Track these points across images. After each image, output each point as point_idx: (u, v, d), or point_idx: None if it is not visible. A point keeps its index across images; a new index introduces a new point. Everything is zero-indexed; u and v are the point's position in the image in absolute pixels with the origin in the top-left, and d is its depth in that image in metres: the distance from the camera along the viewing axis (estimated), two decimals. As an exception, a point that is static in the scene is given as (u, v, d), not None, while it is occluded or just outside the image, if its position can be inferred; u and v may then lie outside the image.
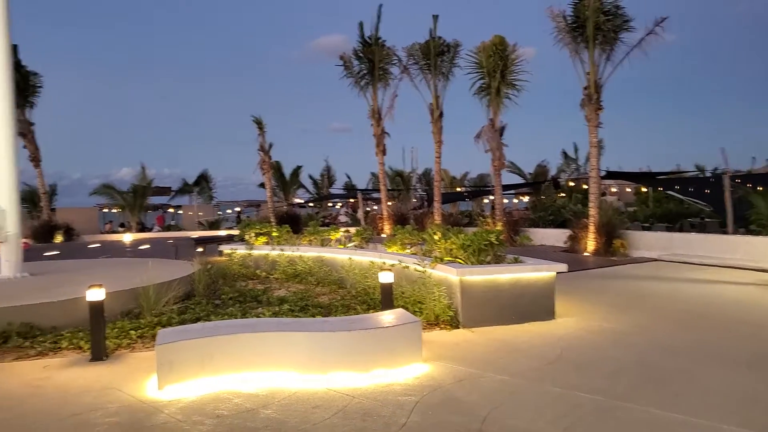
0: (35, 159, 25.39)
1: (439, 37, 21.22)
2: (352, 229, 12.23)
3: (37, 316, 6.68)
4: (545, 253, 14.20)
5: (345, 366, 4.81)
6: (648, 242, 14.92)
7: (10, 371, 5.26)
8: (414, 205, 32.50)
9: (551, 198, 27.43)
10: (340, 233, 12.07)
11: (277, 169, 33.42)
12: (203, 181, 38.92)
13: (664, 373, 4.84)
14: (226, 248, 12.89)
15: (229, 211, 42.87)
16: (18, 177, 9.50)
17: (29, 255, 11.84)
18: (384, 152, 23.09)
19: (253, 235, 12.55)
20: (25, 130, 24.61)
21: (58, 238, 24.02)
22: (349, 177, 45.74)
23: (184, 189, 38.37)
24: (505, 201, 25.97)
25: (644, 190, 29.11)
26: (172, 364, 4.60)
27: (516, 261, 7.31)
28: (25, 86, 24.25)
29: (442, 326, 6.61)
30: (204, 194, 38.39)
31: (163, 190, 36.99)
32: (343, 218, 29.77)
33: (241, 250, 12.22)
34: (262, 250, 11.90)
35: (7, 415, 4.12)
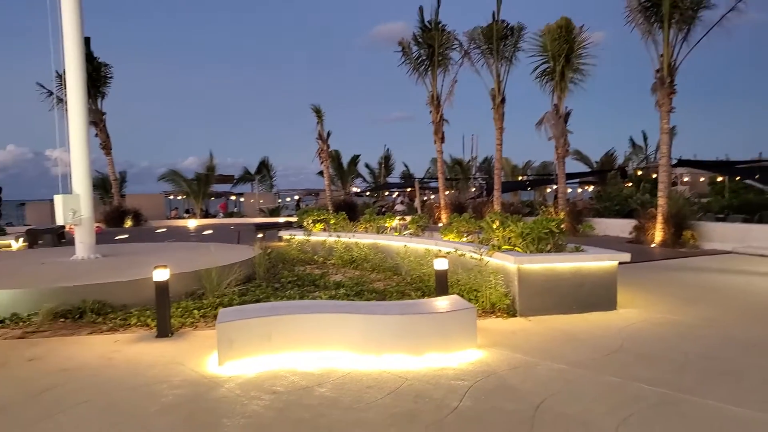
0: (106, 147, 26.80)
1: (503, 21, 20.81)
2: (408, 218, 12.28)
3: (109, 294, 7.14)
4: (608, 244, 13.77)
5: (398, 349, 4.89)
6: (722, 234, 14.18)
7: (86, 344, 5.66)
8: (473, 194, 32.20)
9: (618, 187, 26.48)
10: (395, 220, 12.15)
11: (335, 158, 33.87)
12: (264, 169, 39.97)
13: (735, 368, 4.63)
14: (285, 234, 13.25)
15: (288, 199, 43.87)
16: (90, 164, 10.09)
17: (101, 238, 12.59)
18: (442, 140, 22.96)
19: (310, 221, 12.83)
20: (96, 120, 26.00)
21: (128, 223, 25.33)
22: (407, 166, 45.84)
23: (246, 177, 39.54)
24: (569, 190, 25.32)
25: (720, 179, 27.60)
26: (232, 342, 4.82)
27: (577, 250, 7.15)
28: (96, 77, 25.59)
29: (498, 314, 6.58)
30: (265, 182, 39.45)
31: (226, 178, 38.28)
32: (399, 207, 29.87)
33: (299, 236, 12.53)
34: (319, 236, 12.16)
35: (84, 383, 4.46)
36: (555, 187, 22.56)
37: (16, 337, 6.02)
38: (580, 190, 41.31)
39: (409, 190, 39.18)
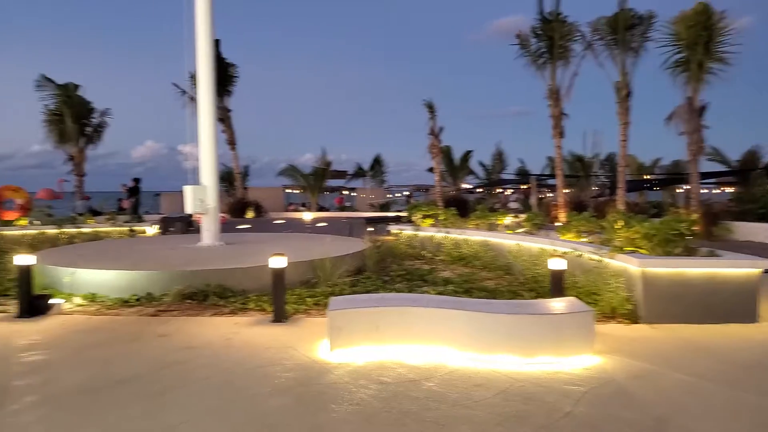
0: (232, 143, 28.76)
1: (630, 9, 19.55)
2: (522, 215, 11.94)
3: (230, 279, 7.65)
4: (750, 249, 12.46)
5: (508, 349, 4.77)
6: None
7: (209, 324, 6.12)
8: (594, 192, 30.61)
9: (763, 188, 23.90)
10: (508, 218, 11.86)
11: (446, 153, 33.72)
12: (376, 165, 40.82)
13: None
14: (394, 228, 13.42)
15: (398, 194, 44.47)
16: (217, 158, 10.86)
17: (225, 227, 13.48)
18: (561, 135, 22.04)
19: (420, 216, 12.88)
20: (223, 116, 27.96)
21: (250, 214, 27.00)
22: (522, 162, 44.53)
23: (359, 173, 40.61)
24: (704, 191, 23.26)
25: None
26: (341, 330, 4.96)
27: (711, 254, 6.55)
28: (224, 77, 27.47)
29: (619, 320, 6.20)
30: (376, 177, 40.28)
31: (340, 174, 39.63)
32: (513, 204, 29.13)
33: (408, 231, 12.63)
34: (428, 231, 12.18)
35: (206, 361, 4.82)
36: (686, 187, 20.83)
37: (149, 315, 6.64)
38: (717, 191, 37.80)
39: (523, 187, 38.10)
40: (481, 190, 39.99)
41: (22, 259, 6.70)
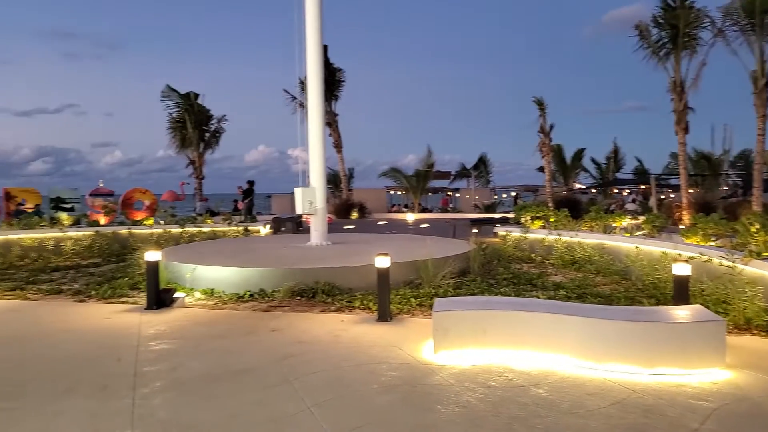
0: (338, 146, 29.68)
1: (768, -12, 17.79)
2: (641, 217, 11.26)
3: (337, 277, 7.91)
4: None
5: (624, 358, 4.52)
6: None
7: (317, 321, 6.38)
8: (724, 193, 28.20)
9: None
10: (626, 220, 11.24)
11: (557, 152, 32.56)
12: (481, 165, 40.29)
13: None
14: (500, 230, 13.19)
15: (504, 195, 43.55)
16: (324, 161, 11.26)
17: (332, 227, 13.94)
18: (686, 130, 20.51)
19: (528, 218, 12.55)
20: (330, 120, 28.91)
21: (354, 215, 27.71)
22: (639, 161, 41.99)
23: (463, 173, 40.29)
24: None
25: None
26: (447, 332, 4.97)
27: None
28: (331, 81, 28.43)
29: (755, 332, 5.67)
30: (481, 178, 39.76)
31: (443, 175, 39.52)
32: (630, 206, 27.53)
33: (515, 233, 12.36)
34: (537, 233, 11.84)
35: (316, 356, 5.04)
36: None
37: (262, 310, 7.04)
38: None
39: (642, 187, 35.89)
40: (594, 190, 38.19)
41: (151, 255, 7.35)
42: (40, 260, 12.40)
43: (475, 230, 14.96)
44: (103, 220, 16.99)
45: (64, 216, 16.79)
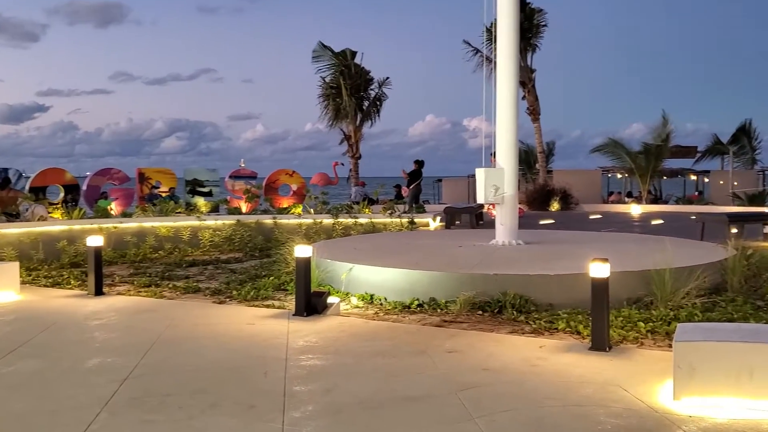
0: (534, 112, 29.22)
1: None
2: None
3: (532, 288, 7.83)
4: None
5: None
6: None
7: (506, 343, 6.37)
8: None
9: None
10: None
11: None
12: (743, 137, 37.10)
13: None
14: (774, 231, 12.09)
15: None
16: (516, 133, 11.14)
17: (523, 222, 13.84)
18: None
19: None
20: (524, 79, 28.52)
21: (554, 206, 27.14)
22: None
23: (715, 149, 37.45)
24: None
25: None
26: (693, 370, 4.65)
27: None
28: (528, 26, 27.98)
29: None
30: (743, 156, 36.62)
31: (685, 151, 36.99)
32: None
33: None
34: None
35: (507, 389, 5.03)
36: None
37: (434, 325, 7.20)
38: None
39: None
40: None
41: (301, 251, 7.86)
42: (176, 253, 13.90)
43: (734, 230, 13.88)
44: (244, 207, 18.51)
45: (201, 202, 18.70)
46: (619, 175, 37.05)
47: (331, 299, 8.00)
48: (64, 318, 7.77)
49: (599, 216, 23.44)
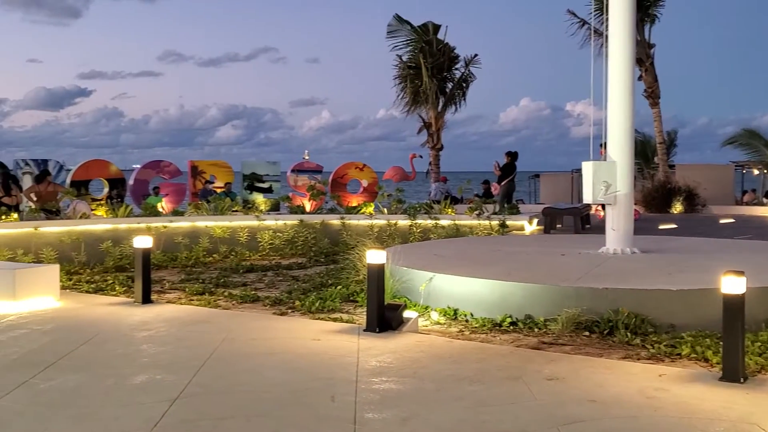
0: (652, 95, 28.52)
1: None
2: None
3: (651, 306, 7.69)
4: None
5: None
6: None
7: (618, 371, 6.23)
8: None
9: None
10: None
11: None
12: None
13: None
14: None
15: None
16: (632, 120, 10.90)
17: (639, 226, 13.51)
18: None
19: None
20: (641, 55, 27.89)
21: (677, 207, 26.46)
22: None
23: None
24: None
25: None
26: None
27: None
28: (646, -6, 27.30)
29: None
30: None
31: None
32: None
33: None
34: None
35: (619, 424, 4.93)
36: None
37: (530, 347, 7.14)
38: None
39: None
40: None
41: (373, 256, 7.89)
42: (232, 256, 14.21)
43: None
44: (308, 205, 18.77)
45: (260, 199, 19.09)
46: (756, 171, 35.82)
47: (407, 313, 8.01)
48: (109, 328, 8.03)
49: (731, 220, 22.75)
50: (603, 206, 11.09)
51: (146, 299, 9.37)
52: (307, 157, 23.28)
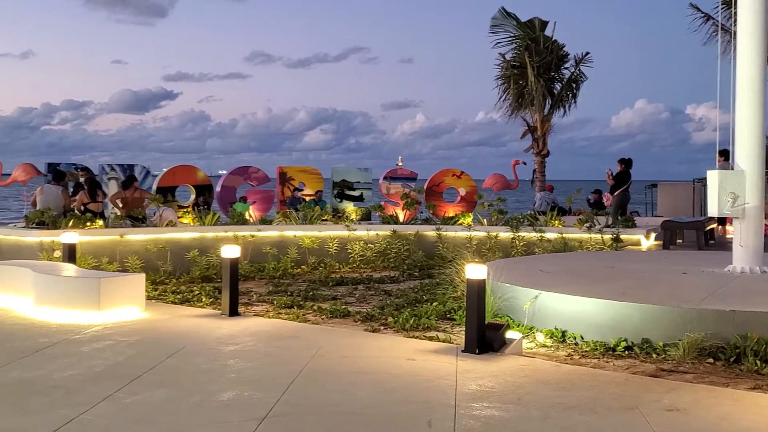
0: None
1: None
2: None
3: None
4: None
5: None
6: None
7: (746, 403, 6.01)
8: None
9: None
10: None
11: None
12: None
13: None
14: None
15: None
16: (764, 124, 10.52)
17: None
18: None
19: None
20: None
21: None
22: None
23: None
24: None
25: None
26: None
27: None
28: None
29: None
30: None
31: None
32: None
33: None
34: None
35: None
36: None
37: (647, 374, 6.96)
38: None
39: None
40: None
41: (473, 270, 7.84)
42: (321, 268, 14.36)
43: None
44: (402, 215, 18.79)
45: (350, 207, 19.25)
46: None
47: (510, 334, 7.92)
48: (195, 341, 8.23)
49: None
50: (730, 220, 10.73)
51: (233, 312, 9.56)
52: (400, 164, 23.36)
